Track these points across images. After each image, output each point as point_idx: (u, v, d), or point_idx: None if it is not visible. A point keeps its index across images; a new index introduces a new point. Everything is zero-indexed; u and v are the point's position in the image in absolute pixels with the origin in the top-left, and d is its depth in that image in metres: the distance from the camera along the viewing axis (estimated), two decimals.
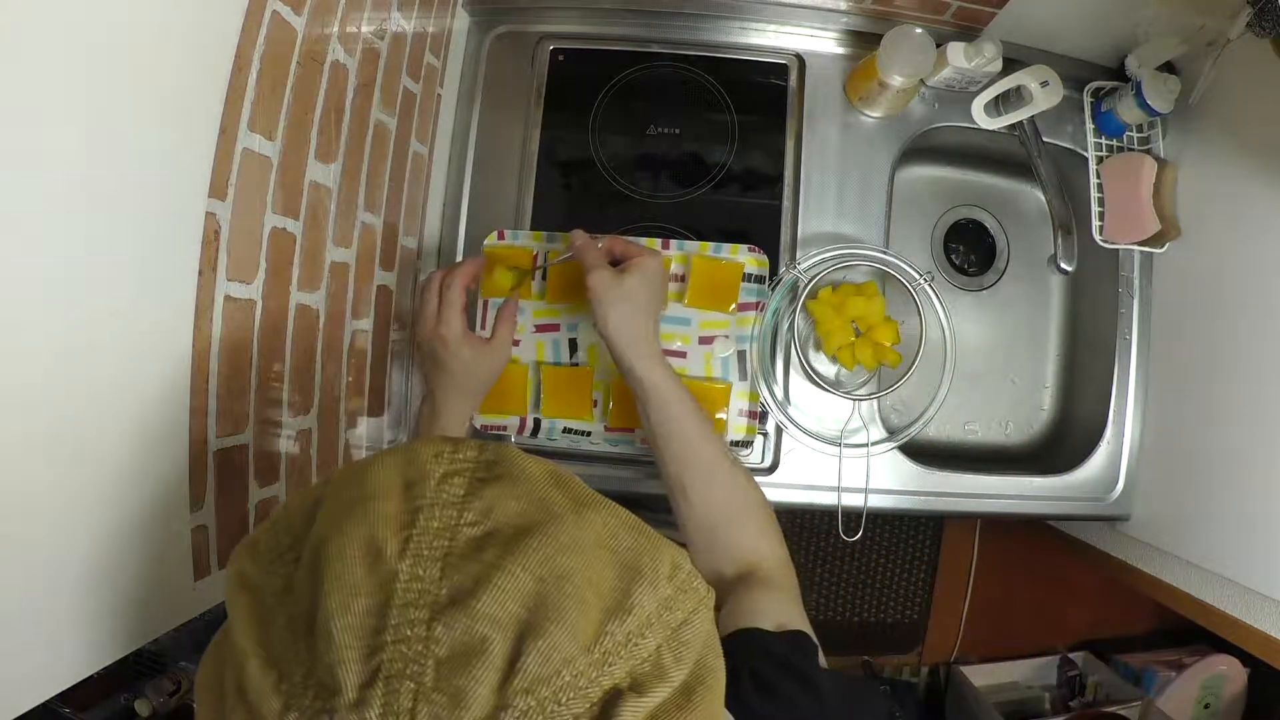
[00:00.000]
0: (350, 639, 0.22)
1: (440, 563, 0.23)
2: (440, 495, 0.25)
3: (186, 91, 0.44)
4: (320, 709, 0.22)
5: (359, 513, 0.25)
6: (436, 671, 0.22)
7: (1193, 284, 0.80)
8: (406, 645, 0.22)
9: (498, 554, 0.24)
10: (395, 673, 0.22)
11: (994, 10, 0.77)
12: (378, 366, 0.73)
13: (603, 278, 0.63)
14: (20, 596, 0.37)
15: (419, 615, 0.22)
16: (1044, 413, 0.95)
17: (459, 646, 0.22)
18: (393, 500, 0.25)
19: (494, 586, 0.23)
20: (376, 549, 0.24)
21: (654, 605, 0.25)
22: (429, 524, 0.24)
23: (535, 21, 0.86)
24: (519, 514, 0.25)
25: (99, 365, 0.40)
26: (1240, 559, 0.70)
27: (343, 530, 0.24)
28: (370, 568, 0.23)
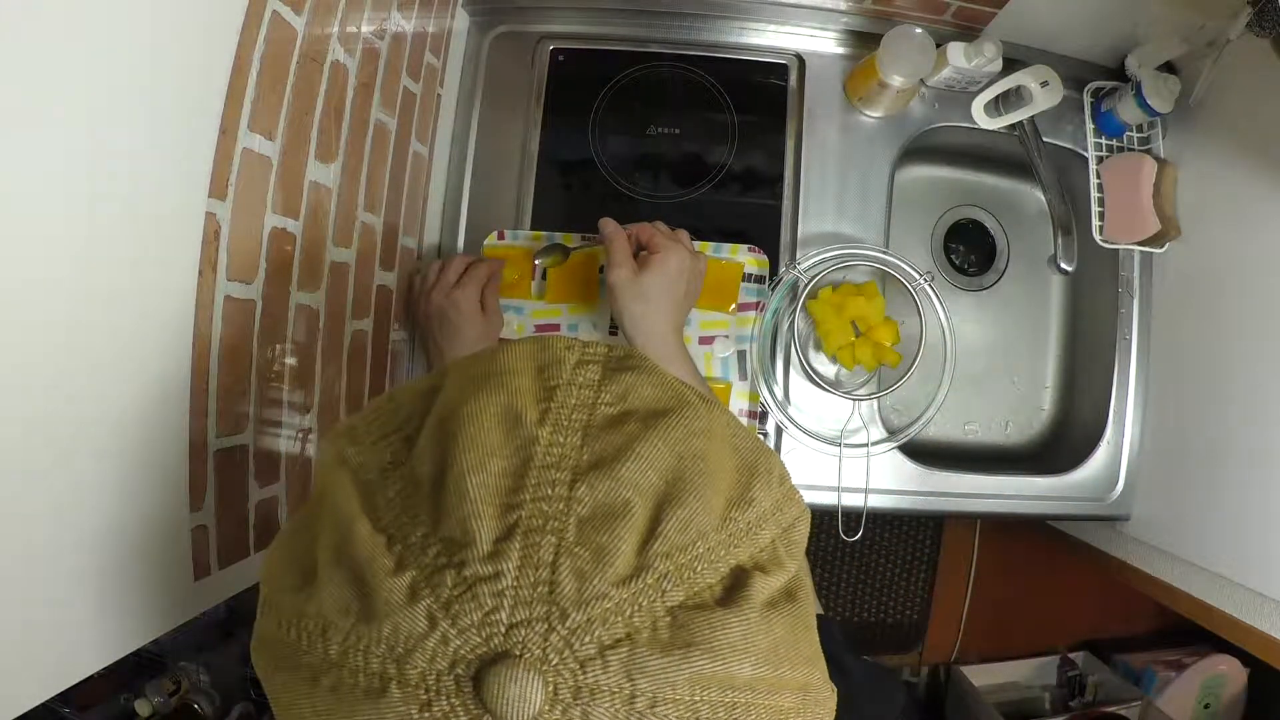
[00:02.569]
0: (485, 494, 0.23)
1: (581, 432, 0.24)
2: (576, 378, 0.26)
3: (186, 91, 0.44)
4: (445, 564, 0.22)
5: (494, 384, 0.25)
6: (579, 528, 0.22)
7: (1193, 284, 0.80)
8: (547, 503, 0.22)
9: (638, 428, 0.25)
10: (535, 528, 0.22)
11: (994, 10, 0.77)
12: (378, 366, 0.73)
13: (620, 277, 0.62)
14: (19, 597, 0.37)
15: (560, 476, 0.23)
16: (1044, 413, 0.95)
17: (601, 507, 0.23)
18: (527, 376, 0.26)
19: (636, 455, 0.24)
20: (515, 416, 0.24)
21: (769, 503, 0.26)
22: (566, 400, 0.25)
23: (535, 21, 0.86)
24: (654, 399, 0.26)
25: (99, 365, 0.40)
26: (1240, 559, 0.70)
27: (478, 397, 0.25)
28: (508, 432, 0.24)
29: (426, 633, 0.21)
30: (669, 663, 0.22)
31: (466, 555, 0.22)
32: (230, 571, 0.53)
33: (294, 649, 0.24)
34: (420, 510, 0.23)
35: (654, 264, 0.63)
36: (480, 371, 0.26)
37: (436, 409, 0.26)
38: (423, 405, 0.27)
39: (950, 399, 0.78)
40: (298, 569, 0.26)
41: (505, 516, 0.22)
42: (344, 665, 0.22)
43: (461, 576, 0.22)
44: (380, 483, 0.25)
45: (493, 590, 0.21)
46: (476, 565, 0.22)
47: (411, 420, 0.27)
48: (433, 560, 0.22)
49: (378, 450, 0.26)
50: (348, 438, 0.28)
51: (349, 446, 0.27)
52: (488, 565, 0.22)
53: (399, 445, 0.26)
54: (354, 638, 0.22)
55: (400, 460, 0.25)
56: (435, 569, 0.22)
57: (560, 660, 0.21)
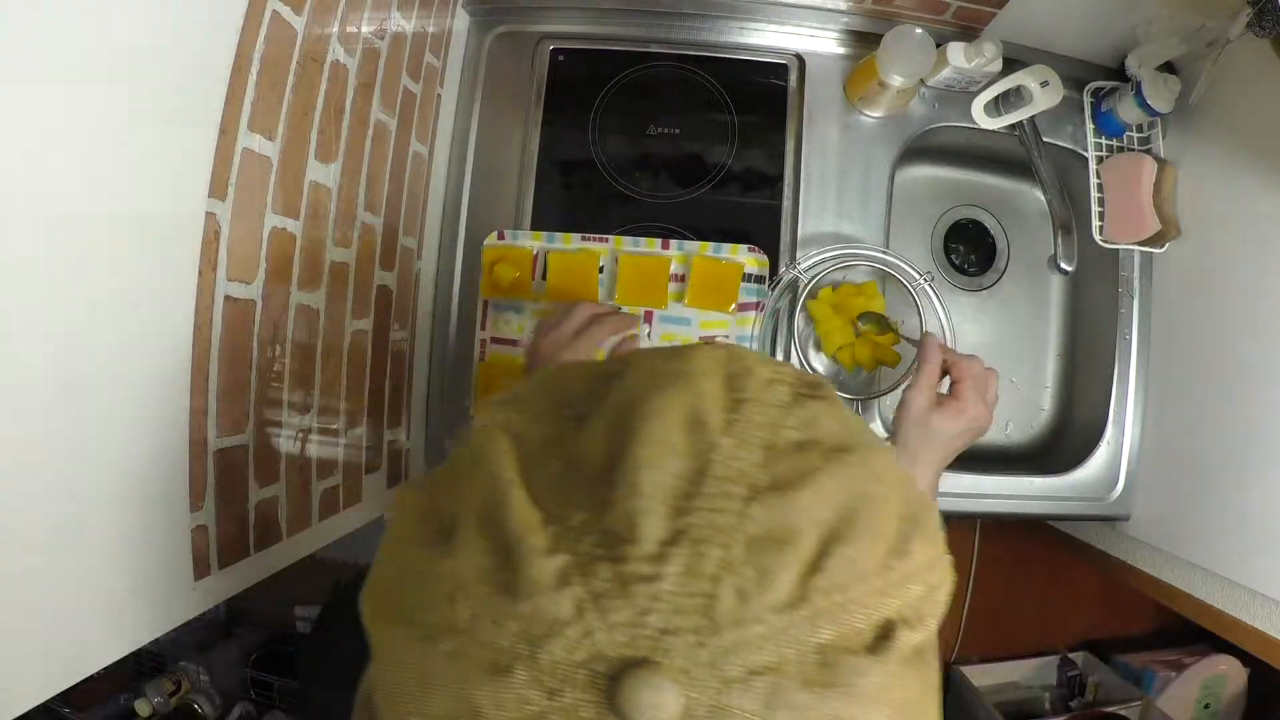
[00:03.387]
0: (658, 492, 0.22)
1: (763, 451, 0.24)
2: (765, 395, 0.26)
3: (186, 91, 0.44)
4: (601, 555, 0.22)
5: (682, 382, 0.25)
6: (747, 547, 0.22)
7: (1193, 284, 0.80)
8: (719, 515, 0.22)
9: (820, 459, 0.24)
10: (703, 537, 0.22)
11: (994, 10, 0.77)
12: (378, 366, 0.73)
13: (917, 402, 0.59)
14: (20, 597, 0.37)
15: (736, 490, 0.23)
16: (1044, 413, 0.95)
17: (772, 530, 0.22)
18: (715, 382, 0.25)
19: (815, 486, 0.23)
20: (699, 419, 0.24)
21: (923, 558, 0.26)
22: (753, 416, 0.25)
23: (535, 21, 0.86)
24: (837, 433, 0.26)
25: (99, 365, 0.40)
26: (1240, 559, 0.70)
27: (664, 393, 0.24)
28: (690, 434, 0.24)
29: (569, 621, 0.21)
30: (809, 699, 0.21)
31: (628, 551, 0.22)
32: (230, 571, 0.53)
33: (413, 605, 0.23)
34: (582, 494, 0.23)
35: (952, 410, 0.60)
36: (670, 368, 0.26)
37: (616, 396, 0.25)
38: (597, 388, 0.27)
39: None
40: (434, 523, 0.25)
41: (674, 519, 0.22)
42: (469, 634, 0.22)
43: (617, 571, 0.21)
44: (541, 456, 0.25)
45: (648, 592, 0.21)
46: (637, 563, 0.21)
47: (583, 400, 0.26)
48: (589, 548, 0.22)
49: (541, 423, 0.26)
50: (512, 404, 0.27)
51: (512, 413, 0.27)
52: (649, 565, 0.21)
53: (566, 423, 0.26)
54: (487, 608, 0.22)
55: (565, 438, 0.25)
56: (591, 558, 0.22)
57: (704, 676, 0.21)
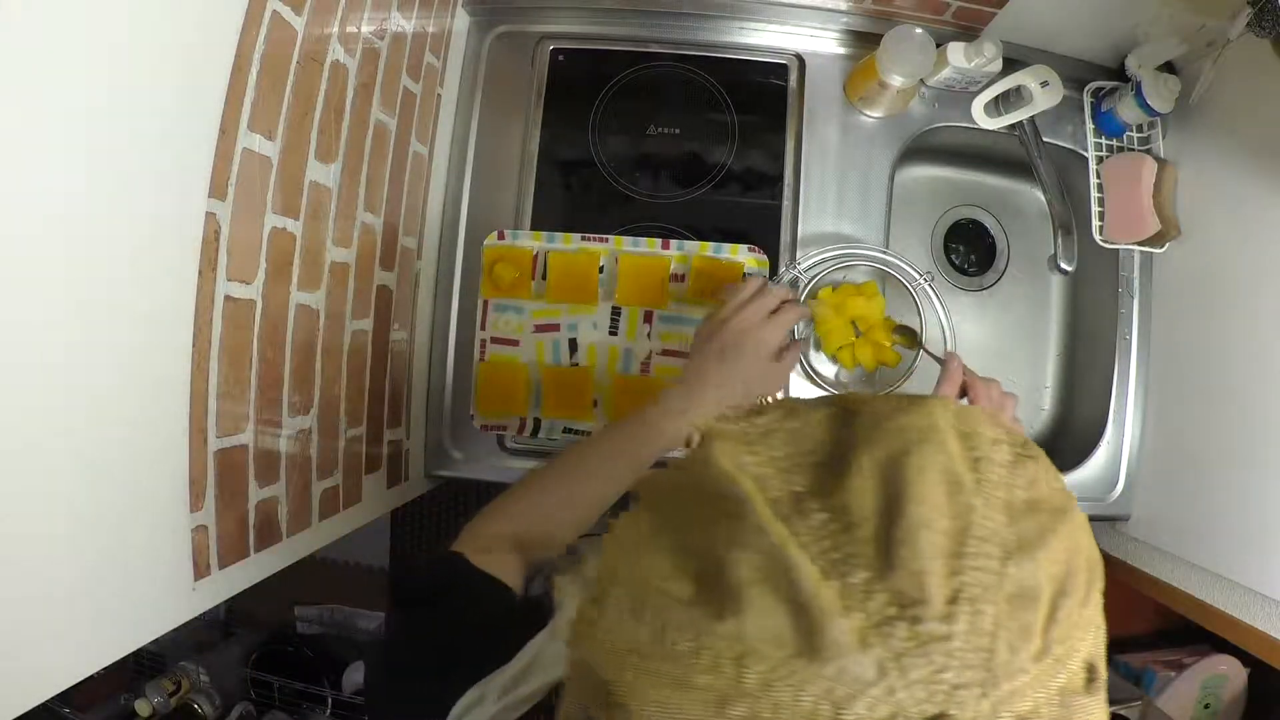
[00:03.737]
0: (936, 553, 0.23)
1: (1005, 512, 0.25)
2: (993, 454, 0.27)
3: (186, 91, 0.44)
4: (896, 615, 0.22)
5: (933, 440, 0.26)
6: (1009, 604, 0.23)
7: (1193, 284, 0.80)
8: (984, 574, 0.23)
9: (1049, 519, 0.26)
10: (975, 596, 0.23)
11: (994, 10, 0.77)
12: (378, 366, 0.73)
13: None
14: (20, 596, 0.37)
15: (993, 550, 0.24)
16: (1044, 413, 0.95)
17: (1023, 588, 0.24)
18: (954, 440, 0.26)
19: (1049, 544, 0.25)
20: (956, 479, 0.25)
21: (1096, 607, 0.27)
22: (989, 475, 0.26)
23: (535, 21, 0.86)
24: (1052, 492, 0.27)
25: (99, 365, 0.40)
26: (1240, 559, 0.70)
27: (921, 451, 0.25)
28: (949, 494, 0.25)
29: (873, 681, 0.22)
30: None
31: (922, 611, 0.22)
32: (230, 571, 0.53)
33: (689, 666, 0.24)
34: (860, 551, 0.24)
35: None
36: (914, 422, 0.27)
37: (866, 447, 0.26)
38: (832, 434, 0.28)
39: None
40: (691, 574, 0.25)
41: (951, 579, 0.23)
42: (763, 698, 0.23)
43: (914, 631, 0.22)
44: (795, 509, 0.25)
45: (944, 650, 0.22)
46: (932, 623, 0.22)
47: (822, 447, 0.27)
48: (881, 608, 0.23)
49: (783, 471, 0.27)
50: (743, 443, 0.28)
51: (747, 454, 0.27)
52: (942, 625, 0.22)
53: (811, 472, 0.26)
54: (784, 672, 0.22)
55: (819, 491, 0.25)
56: (886, 618, 0.22)
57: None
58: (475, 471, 0.84)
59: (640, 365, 0.81)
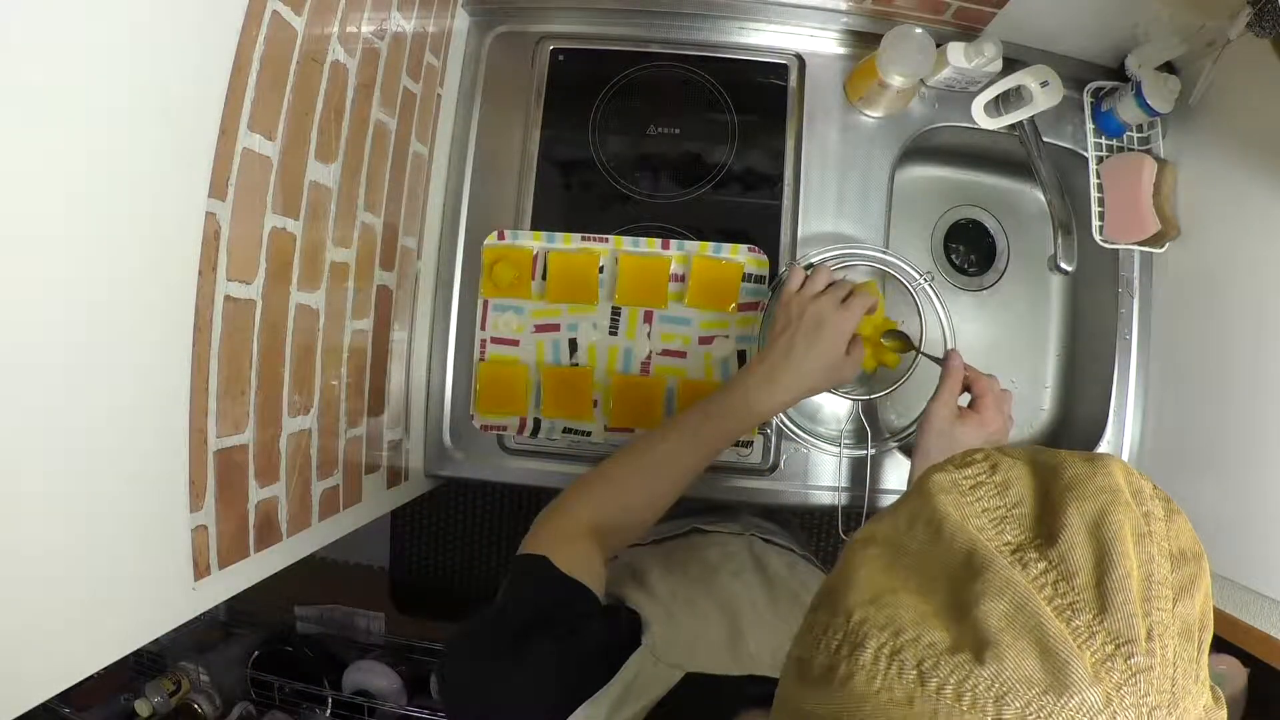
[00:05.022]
0: (1137, 598, 0.27)
1: (1169, 560, 0.29)
2: (1154, 509, 0.31)
3: (186, 91, 0.44)
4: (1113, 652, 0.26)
5: (1122, 500, 0.30)
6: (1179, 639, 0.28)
7: (1193, 284, 0.80)
8: (1163, 614, 0.28)
9: (1195, 566, 0.30)
10: (1160, 632, 0.27)
11: (994, 10, 0.77)
12: (378, 366, 0.73)
13: (943, 418, 0.65)
14: (20, 597, 0.37)
15: (1166, 594, 0.28)
16: (1044, 413, 0.95)
17: (1186, 624, 0.28)
18: (1128, 497, 0.30)
19: (1200, 587, 0.30)
20: (1140, 533, 0.29)
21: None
22: (1155, 528, 0.30)
23: (535, 21, 0.86)
24: (1192, 543, 0.31)
25: (99, 365, 0.40)
26: (1240, 559, 0.70)
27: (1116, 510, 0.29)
28: (1138, 546, 0.29)
29: (1101, 709, 0.26)
30: None
31: (1132, 649, 0.26)
32: (230, 571, 0.53)
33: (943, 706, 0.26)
34: (1080, 598, 0.27)
35: (975, 423, 0.65)
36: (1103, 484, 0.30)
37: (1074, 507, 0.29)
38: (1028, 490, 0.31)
39: None
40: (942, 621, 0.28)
41: (1145, 618, 0.27)
42: None
43: (1129, 665, 0.26)
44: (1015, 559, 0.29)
45: (1147, 679, 0.26)
46: (1140, 657, 0.26)
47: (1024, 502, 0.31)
48: (1102, 645, 0.26)
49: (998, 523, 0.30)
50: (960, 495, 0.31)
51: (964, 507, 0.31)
52: (1146, 658, 0.27)
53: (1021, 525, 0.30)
54: (1036, 707, 0.26)
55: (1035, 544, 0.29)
56: (1107, 655, 0.26)
57: None
58: (475, 471, 0.84)
59: (640, 365, 0.81)
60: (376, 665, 1.32)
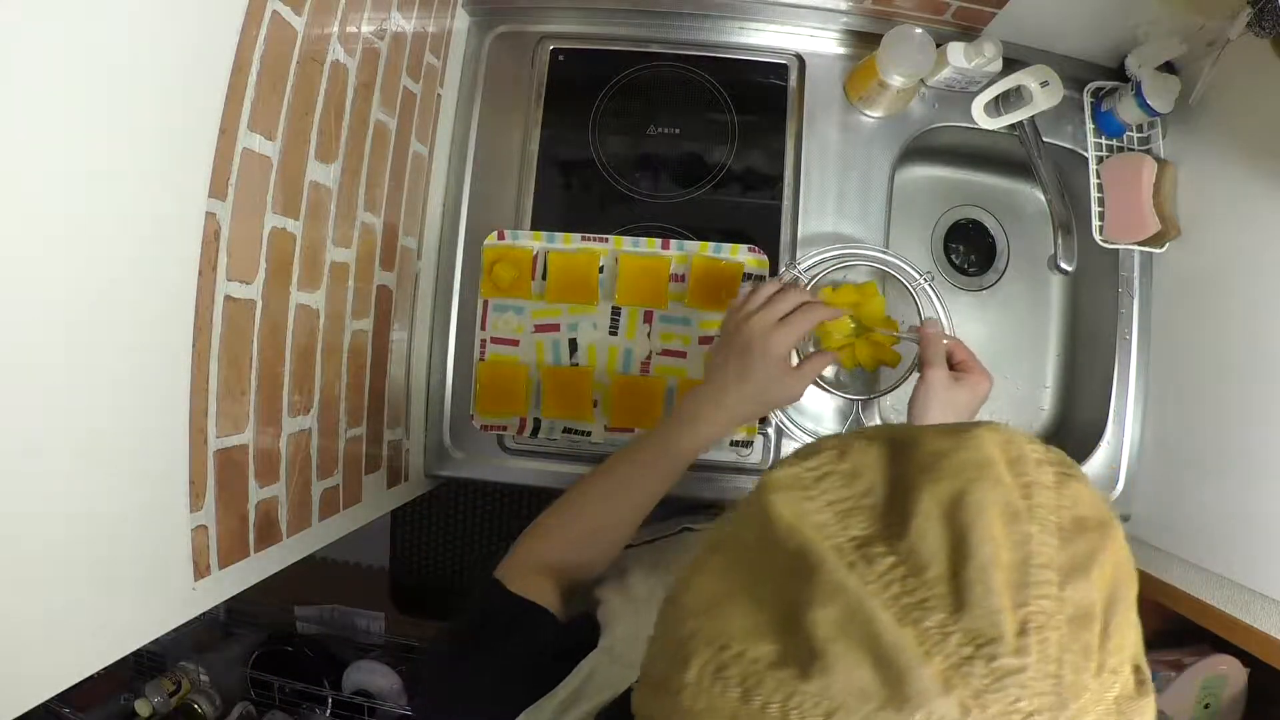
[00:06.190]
0: (1004, 588, 0.24)
1: (1057, 535, 0.26)
2: (1040, 477, 0.27)
3: (186, 91, 0.44)
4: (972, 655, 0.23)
5: (989, 475, 0.26)
6: (1067, 627, 0.24)
7: (1193, 284, 0.80)
8: (1047, 601, 0.24)
9: (1096, 536, 0.26)
10: (1040, 624, 0.24)
11: (994, 10, 0.77)
12: (378, 366, 0.73)
13: (940, 378, 0.64)
14: (20, 596, 0.37)
15: (1051, 577, 0.25)
16: (1044, 413, 0.95)
17: (1080, 608, 0.25)
18: (1005, 470, 0.27)
19: (1100, 562, 0.26)
20: (1013, 510, 0.26)
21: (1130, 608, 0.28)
22: (1041, 500, 0.26)
23: (535, 21, 0.86)
24: (1096, 508, 0.28)
25: (99, 365, 0.40)
26: (1240, 559, 0.70)
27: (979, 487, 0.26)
28: (1009, 527, 0.25)
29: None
30: None
31: (996, 649, 0.23)
32: (230, 571, 0.53)
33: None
34: (932, 594, 0.24)
35: (970, 384, 0.66)
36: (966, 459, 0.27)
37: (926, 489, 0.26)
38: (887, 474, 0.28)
39: None
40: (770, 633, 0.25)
41: (1018, 611, 0.24)
42: None
43: (991, 668, 0.23)
44: (861, 556, 0.25)
45: (1018, 682, 0.23)
46: (1007, 658, 0.23)
47: (878, 488, 0.27)
48: (957, 649, 0.23)
49: (842, 516, 0.27)
50: (799, 489, 0.28)
51: (806, 502, 0.27)
52: (1015, 659, 0.23)
53: (869, 516, 0.26)
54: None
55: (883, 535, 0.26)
56: (963, 659, 0.23)
57: None
58: (475, 471, 0.84)
59: (640, 365, 0.81)
60: (376, 665, 1.32)
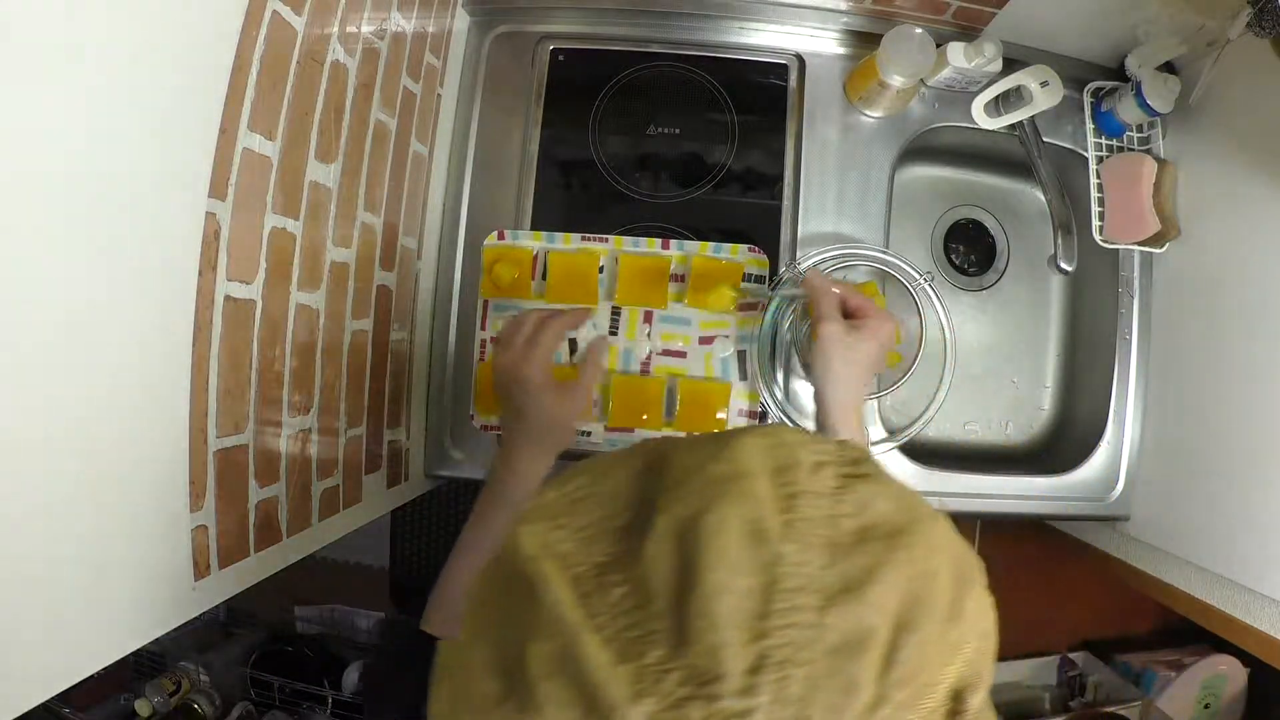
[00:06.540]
0: (735, 619, 0.21)
1: (826, 551, 0.23)
2: (814, 484, 0.24)
3: (186, 91, 0.44)
4: (690, 695, 0.21)
5: (734, 490, 0.24)
6: (829, 659, 0.21)
7: (1193, 284, 0.80)
8: (796, 630, 0.21)
9: (882, 547, 0.23)
10: (785, 658, 0.21)
11: (994, 10, 0.77)
12: (378, 366, 0.73)
13: (835, 332, 0.61)
14: (20, 596, 0.37)
15: (809, 601, 0.22)
16: (1044, 413, 0.95)
17: (850, 635, 0.22)
18: (763, 482, 0.24)
19: (882, 579, 0.23)
20: (759, 530, 0.23)
21: (974, 613, 0.26)
22: (808, 511, 0.24)
23: (535, 21, 0.86)
24: (891, 511, 0.25)
25: (99, 365, 0.40)
26: (1240, 559, 0.70)
27: (719, 506, 0.23)
28: (752, 548, 0.22)
29: None
30: None
31: (717, 689, 0.21)
32: (230, 571, 0.53)
33: None
34: (655, 627, 0.22)
35: (870, 329, 0.62)
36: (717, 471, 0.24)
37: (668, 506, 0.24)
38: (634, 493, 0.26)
39: (950, 399, 0.78)
40: (499, 670, 0.24)
41: (753, 644, 0.21)
42: None
43: (710, 712, 0.20)
44: (598, 585, 0.23)
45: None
46: (728, 700, 0.20)
47: (623, 511, 0.25)
48: (674, 689, 0.21)
49: (587, 542, 0.25)
50: (550, 520, 0.26)
51: (551, 531, 0.25)
52: (739, 700, 0.20)
53: (613, 540, 0.24)
54: None
55: (620, 562, 0.24)
56: (679, 700, 0.21)
57: None
58: (475, 471, 0.84)
59: (640, 365, 0.81)
60: None
